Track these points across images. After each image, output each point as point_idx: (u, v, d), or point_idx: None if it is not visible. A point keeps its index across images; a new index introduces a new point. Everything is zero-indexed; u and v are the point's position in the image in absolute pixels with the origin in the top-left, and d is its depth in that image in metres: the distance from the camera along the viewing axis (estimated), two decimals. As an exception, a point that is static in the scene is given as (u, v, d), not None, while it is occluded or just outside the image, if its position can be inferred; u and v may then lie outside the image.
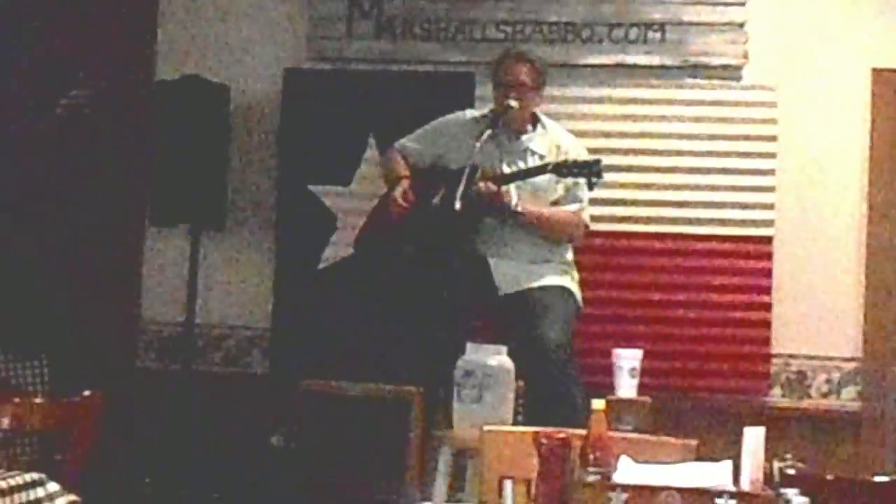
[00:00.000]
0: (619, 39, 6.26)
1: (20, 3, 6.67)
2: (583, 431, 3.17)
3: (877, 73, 6.14)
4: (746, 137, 6.15)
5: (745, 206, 6.13)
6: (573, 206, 5.41)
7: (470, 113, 5.64)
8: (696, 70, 6.23)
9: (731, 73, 6.22)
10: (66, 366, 5.90)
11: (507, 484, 3.47)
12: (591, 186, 5.27)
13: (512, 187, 5.34)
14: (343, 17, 6.47)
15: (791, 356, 6.14)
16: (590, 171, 5.19)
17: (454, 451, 4.67)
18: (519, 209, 5.30)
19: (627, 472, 3.14)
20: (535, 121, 5.50)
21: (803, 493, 3.06)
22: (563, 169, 5.23)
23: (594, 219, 5.61)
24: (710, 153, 6.17)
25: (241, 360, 6.52)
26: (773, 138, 6.14)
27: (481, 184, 5.20)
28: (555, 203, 5.41)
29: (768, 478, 3.19)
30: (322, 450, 5.44)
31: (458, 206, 5.08)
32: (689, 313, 6.13)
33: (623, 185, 6.08)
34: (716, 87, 6.22)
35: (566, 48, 6.29)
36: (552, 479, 2.99)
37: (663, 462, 3.27)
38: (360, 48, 6.46)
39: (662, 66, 6.24)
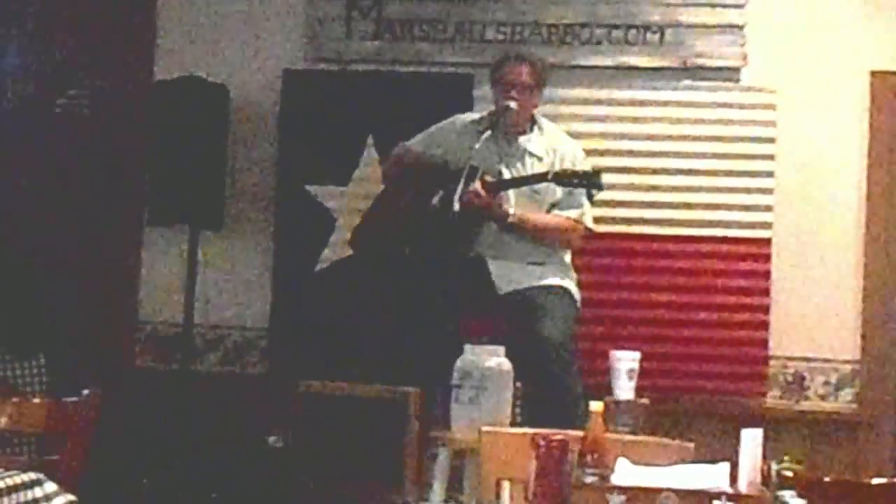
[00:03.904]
0: (618, 41, 6.27)
1: (18, 2, 6.68)
2: (581, 433, 3.18)
3: (875, 75, 6.15)
4: (745, 139, 6.15)
5: (743, 208, 6.13)
6: (573, 213, 5.40)
7: (469, 115, 5.65)
8: (695, 72, 6.23)
9: (729, 74, 6.23)
10: (64, 365, 5.89)
11: (505, 485, 3.47)
12: (590, 198, 5.28)
13: (510, 191, 5.33)
14: (342, 18, 6.47)
15: (789, 358, 6.14)
16: (590, 182, 5.18)
17: (452, 452, 4.67)
18: (512, 220, 5.28)
19: (625, 473, 3.14)
20: (532, 122, 5.50)
21: (800, 495, 3.07)
22: (563, 178, 5.22)
23: (594, 220, 5.60)
24: (708, 155, 6.18)
25: (239, 361, 6.52)
26: (771, 140, 6.14)
27: (472, 187, 5.19)
28: (554, 206, 5.40)
29: (766, 479, 3.20)
30: (319, 450, 5.43)
31: (456, 206, 5.09)
32: (688, 315, 6.14)
33: (621, 187, 6.08)
34: (714, 89, 6.22)
35: (565, 50, 6.29)
36: (550, 481, 3.00)
37: (661, 464, 3.28)
38: (359, 49, 6.46)
39: (661, 68, 6.25)
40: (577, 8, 6.30)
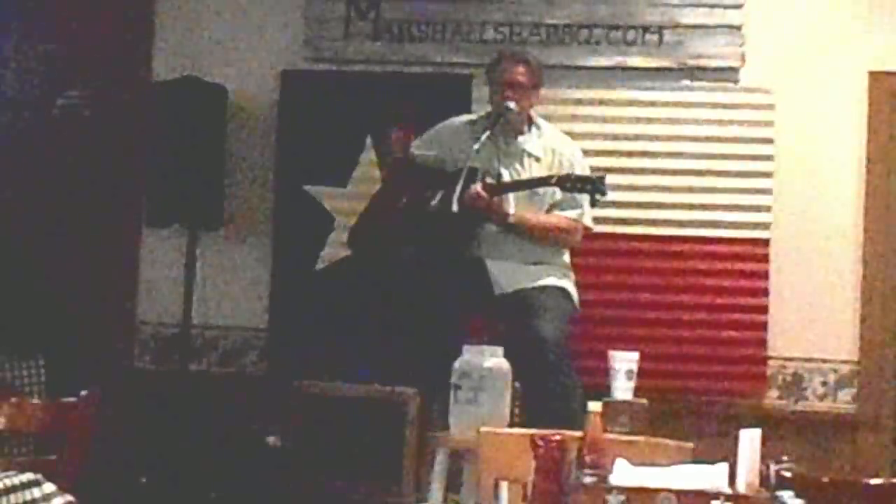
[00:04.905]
0: (617, 42, 6.27)
1: (17, 3, 6.67)
2: (579, 433, 3.18)
3: (874, 76, 6.15)
4: (743, 140, 6.15)
5: (741, 209, 6.13)
6: (572, 213, 5.40)
7: (467, 116, 5.66)
8: (694, 72, 6.24)
9: (728, 75, 6.23)
10: (62, 366, 5.90)
11: (503, 485, 3.47)
12: (593, 203, 5.28)
13: (510, 193, 5.33)
14: (340, 19, 6.47)
15: (787, 359, 6.14)
16: (593, 187, 5.19)
17: (450, 453, 4.67)
18: (512, 220, 5.28)
19: (624, 474, 3.14)
20: (530, 123, 5.50)
21: (799, 496, 3.06)
22: (567, 183, 5.22)
23: (593, 220, 5.59)
24: (707, 155, 6.18)
25: (238, 361, 6.52)
26: (769, 141, 6.14)
27: (472, 188, 5.19)
28: (553, 206, 5.40)
29: (764, 480, 3.19)
30: (318, 450, 5.44)
31: (455, 207, 5.09)
32: (686, 315, 6.14)
33: (620, 188, 6.06)
34: (713, 90, 6.22)
35: (564, 50, 6.30)
36: (548, 481, 3.00)
37: (659, 464, 3.27)
38: (358, 49, 6.47)
39: (660, 69, 6.25)
40: (575, 8, 6.30)
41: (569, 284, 5.43)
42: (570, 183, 5.23)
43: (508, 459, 3.45)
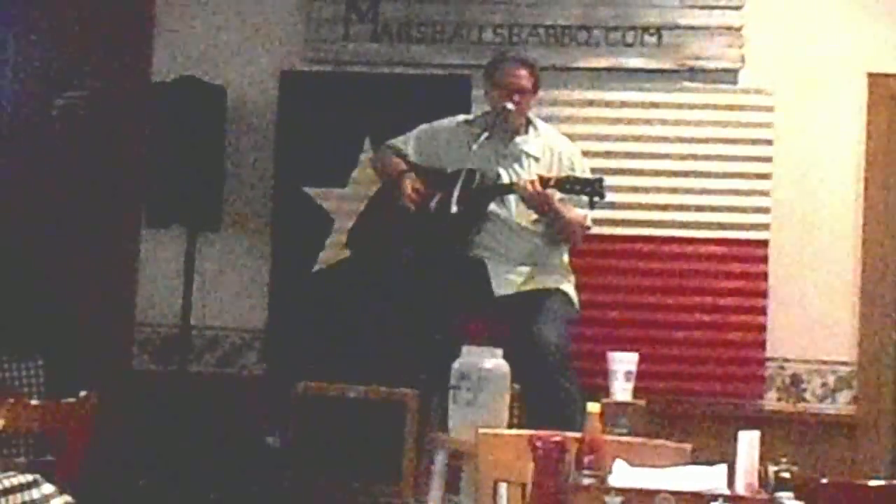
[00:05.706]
0: (616, 43, 6.27)
1: (15, 3, 6.68)
2: (578, 434, 3.18)
3: (873, 77, 6.15)
4: (742, 141, 6.16)
5: (740, 210, 6.14)
6: (580, 211, 5.41)
7: (461, 117, 5.64)
8: (693, 74, 6.24)
9: (727, 76, 6.23)
10: (61, 367, 5.90)
11: (503, 487, 3.47)
12: (592, 205, 5.27)
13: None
14: (340, 20, 6.47)
15: (786, 360, 6.15)
16: (592, 190, 5.19)
17: (449, 454, 4.67)
18: (556, 208, 5.28)
19: (622, 475, 3.15)
20: (527, 123, 5.51)
21: (798, 497, 3.07)
22: (566, 185, 5.23)
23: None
24: (706, 157, 6.18)
25: (237, 362, 6.52)
26: (769, 142, 6.15)
27: (528, 186, 5.19)
28: (557, 203, 5.41)
29: (763, 481, 3.20)
30: (317, 451, 5.44)
31: (454, 209, 5.09)
32: (685, 317, 6.14)
33: (619, 189, 6.07)
34: (712, 91, 6.23)
35: (562, 51, 6.30)
36: (547, 483, 3.00)
37: (658, 465, 3.28)
38: (357, 51, 6.47)
39: (659, 70, 6.25)
40: (574, 10, 6.30)
41: (569, 287, 5.43)
42: (569, 185, 5.23)
43: (507, 460, 3.45)
